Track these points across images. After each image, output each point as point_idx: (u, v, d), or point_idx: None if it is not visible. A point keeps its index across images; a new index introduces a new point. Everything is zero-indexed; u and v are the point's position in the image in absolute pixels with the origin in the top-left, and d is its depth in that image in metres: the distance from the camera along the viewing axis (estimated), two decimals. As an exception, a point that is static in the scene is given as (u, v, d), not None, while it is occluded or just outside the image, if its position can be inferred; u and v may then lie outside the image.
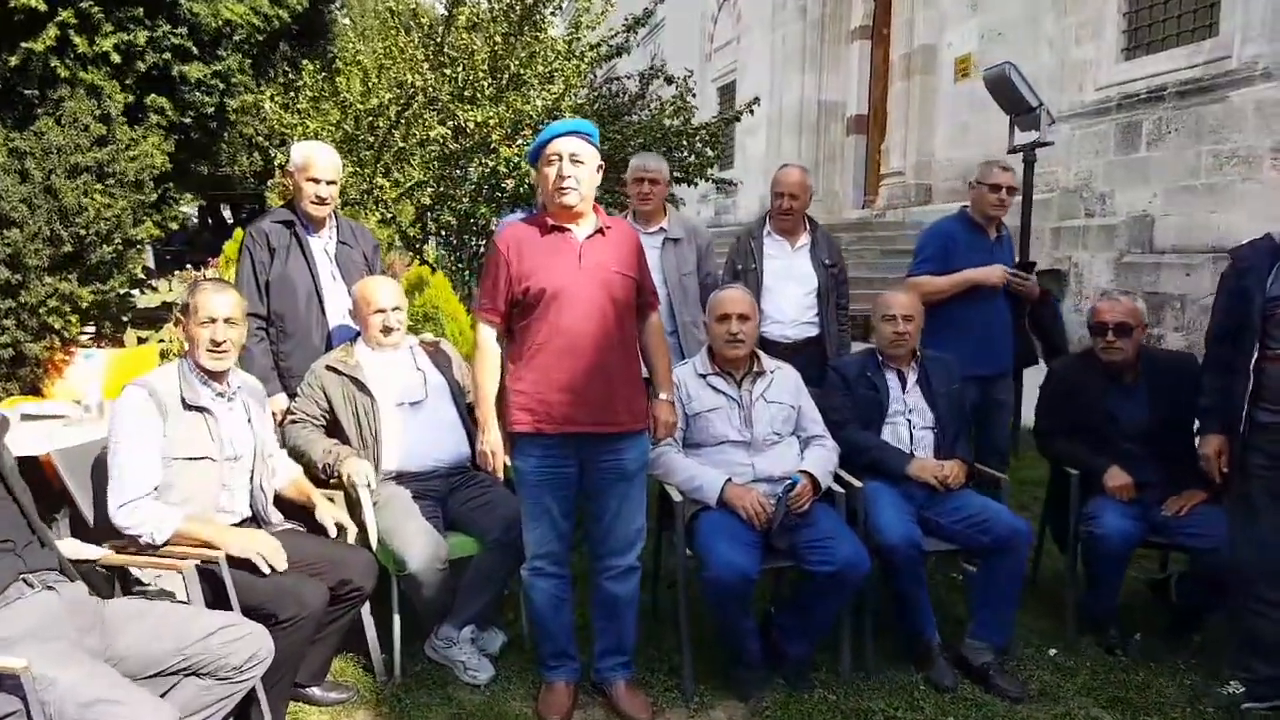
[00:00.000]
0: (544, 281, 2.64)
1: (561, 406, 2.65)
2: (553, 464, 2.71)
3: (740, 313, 3.15)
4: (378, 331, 3.23)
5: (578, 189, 2.66)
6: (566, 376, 2.65)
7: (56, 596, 2.12)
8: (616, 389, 2.70)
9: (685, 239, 3.99)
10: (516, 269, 2.68)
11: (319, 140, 6.80)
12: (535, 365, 2.66)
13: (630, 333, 2.81)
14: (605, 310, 2.68)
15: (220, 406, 2.75)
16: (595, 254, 2.71)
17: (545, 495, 2.74)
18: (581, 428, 2.68)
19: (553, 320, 2.64)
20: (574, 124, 2.75)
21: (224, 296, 2.72)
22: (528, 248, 2.70)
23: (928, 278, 3.83)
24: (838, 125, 14.74)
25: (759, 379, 3.21)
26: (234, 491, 2.75)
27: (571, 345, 2.64)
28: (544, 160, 2.69)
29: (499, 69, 6.87)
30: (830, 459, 3.15)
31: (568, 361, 2.64)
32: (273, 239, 3.42)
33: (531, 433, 2.68)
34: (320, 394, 3.19)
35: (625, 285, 2.75)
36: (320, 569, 2.72)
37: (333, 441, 3.18)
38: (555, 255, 2.68)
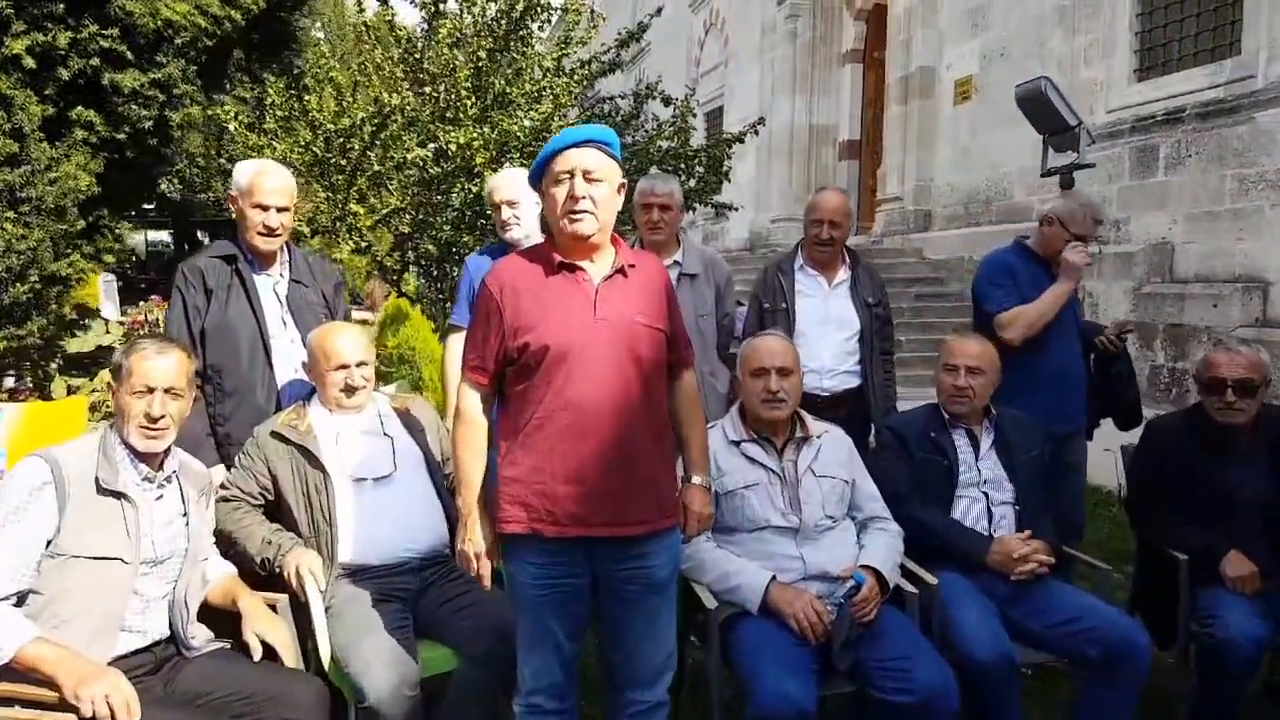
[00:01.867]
0: (547, 336, 2.00)
1: (568, 502, 2.00)
2: (557, 574, 2.06)
3: (781, 366, 2.54)
4: (338, 391, 2.60)
5: (595, 213, 2.03)
6: (575, 462, 2.00)
7: None
8: (641, 477, 2.05)
9: (703, 274, 3.38)
10: (512, 319, 2.04)
11: (288, 163, 6.23)
12: (534, 446, 2.02)
13: (660, 401, 2.15)
14: (628, 374, 2.03)
15: (146, 495, 2.10)
16: (615, 300, 2.07)
17: (546, 614, 2.08)
18: (594, 530, 2.02)
19: (558, 387, 2.00)
20: (589, 131, 2.10)
21: (166, 360, 2.08)
22: (527, 291, 2.06)
23: (1025, 308, 3.19)
24: (829, 150, 14.36)
25: (804, 446, 2.59)
26: (148, 604, 2.09)
27: (582, 420, 2.00)
28: (550, 178, 2.06)
29: (483, 87, 6.30)
30: (895, 547, 2.54)
31: (576, 442, 2.00)
32: (210, 278, 2.77)
33: (527, 535, 2.05)
34: (262, 467, 2.55)
35: (654, 340, 2.10)
36: (251, 708, 2.07)
37: (275, 528, 2.52)
38: (563, 302, 2.05)
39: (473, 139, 5.58)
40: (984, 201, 10.21)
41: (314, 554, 2.48)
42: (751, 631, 2.32)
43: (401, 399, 2.82)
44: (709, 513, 2.27)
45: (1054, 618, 2.51)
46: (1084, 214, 3.25)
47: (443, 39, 6.05)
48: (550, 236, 2.19)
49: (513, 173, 3.38)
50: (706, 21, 18.29)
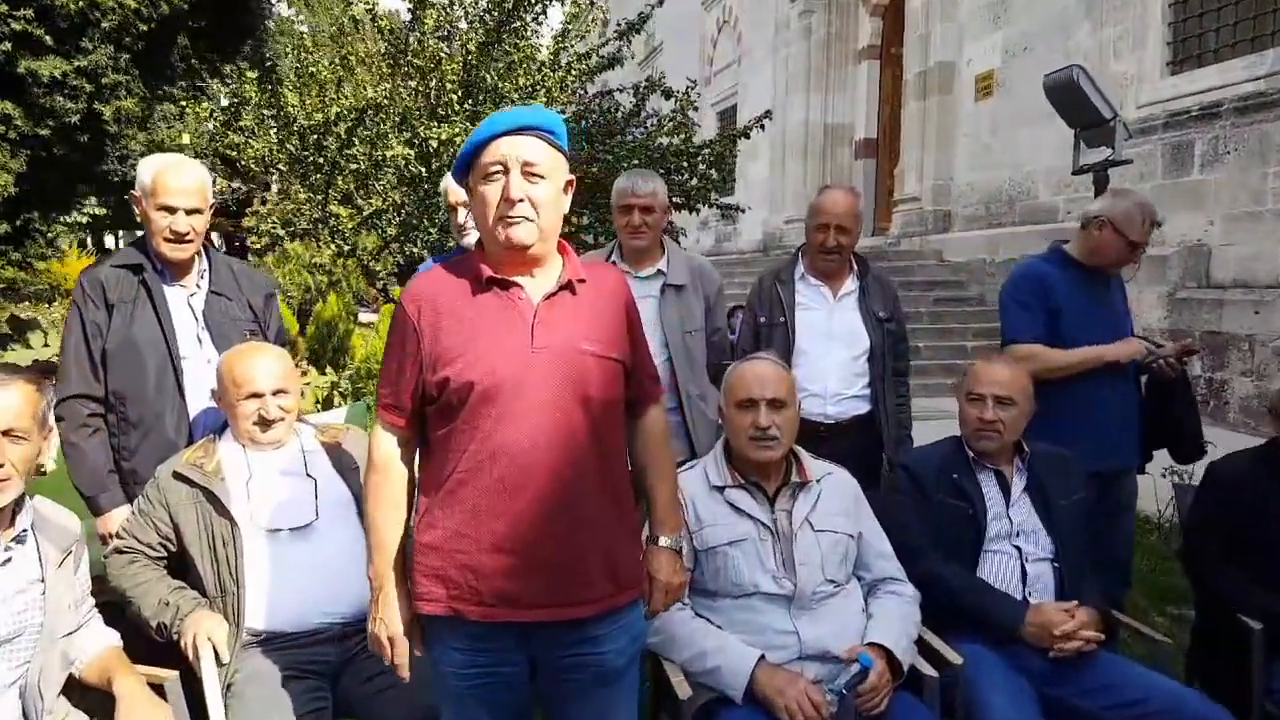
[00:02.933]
0: (472, 370, 1.59)
1: (495, 577, 1.58)
2: (486, 661, 1.64)
3: (773, 397, 2.11)
4: (250, 425, 2.19)
5: (534, 220, 1.62)
6: (505, 526, 1.58)
7: None
8: (590, 544, 1.63)
9: (690, 284, 2.95)
10: (430, 346, 1.63)
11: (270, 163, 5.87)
12: (456, 505, 1.60)
13: (615, 447, 1.72)
14: (572, 415, 1.62)
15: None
16: (558, 323, 1.65)
17: (474, 708, 1.67)
18: (529, 614, 1.60)
19: (485, 433, 1.58)
20: (526, 114, 1.68)
21: (2, 397, 1.69)
22: (449, 313, 1.64)
23: (1046, 350, 2.74)
24: (845, 149, 13.95)
25: (801, 493, 2.16)
26: (-23, 701, 1.70)
27: (514, 474, 1.58)
28: (479, 173, 1.64)
29: (473, 82, 5.90)
30: (910, 617, 2.11)
31: (507, 501, 1.58)
32: (112, 291, 2.36)
33: (448, 616, 1.63)
34: (163, 513, 2.15)
35: (607, 372, 1.68)
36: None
37: (175, 586, 2.12)
38: (492, 327, 1.63)
39: (455, 134, 5.19)
40: (1006, 201, 9.73)
41: (218, 619, 2.08)
42: None
43: (333, 431, 2.41)
44: (679, 581, 1.83)
45: (1113, 697, 2.05)
46: (1141, 216, 2.78)
47: (429, 30, 5.66)
48: (481, 244, 1.76)
49: None
50: (719, 19, 17.89)
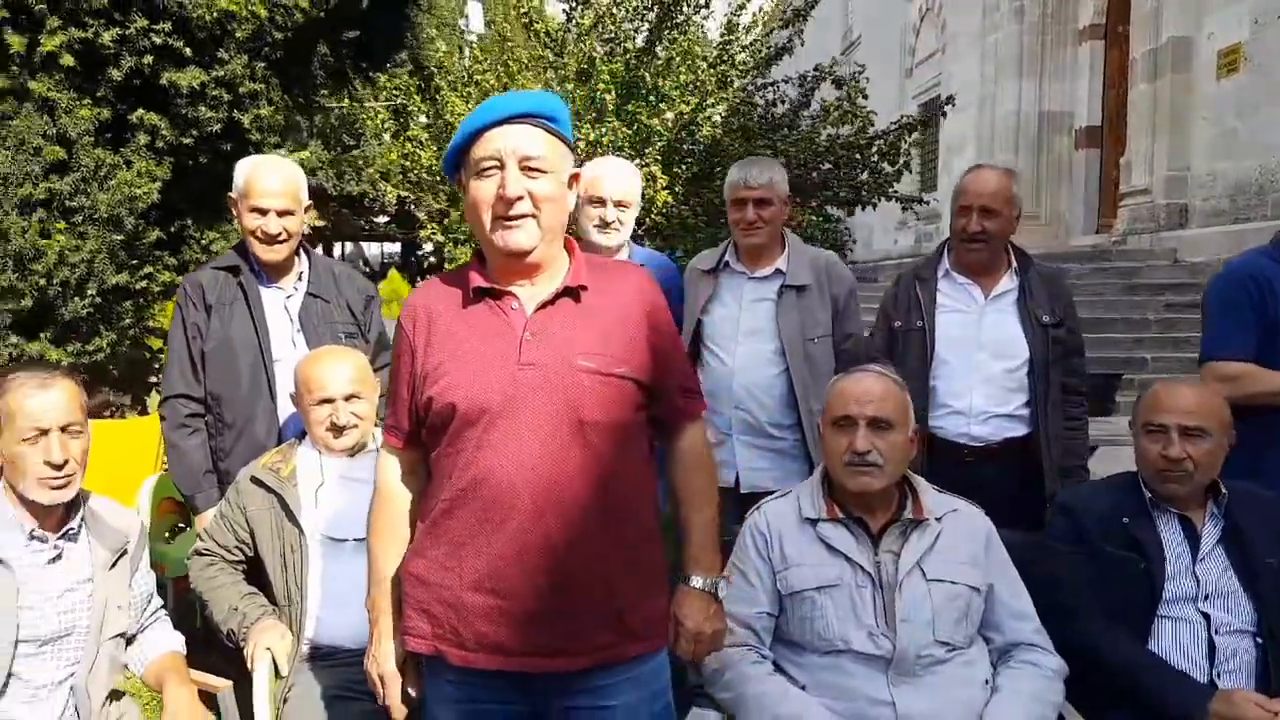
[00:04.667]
0: (453, 391, 1.44)
1: (479, 620, 1.42)
2: (482, 699, 1.47)
3: (874, 415, 1.79)
4: (323, 430, 2.16)
5: (535, 218, 1.44)
6: (487, 563, 1.41)
7: None
8: (585, 590, 1.43)
9: (815, 285, 2.65)
10: (422, 362, 1.50)
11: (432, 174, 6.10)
12: (440, 535, 1.46)
13: (625, 475, 1.49)
14: (565, 442, 1.42)
15: (33, 559, 1.75)
16: (552, 336, 1.47)
17: None
18: (516, 663, 1.43)
19: (468, 458, 1.43)
20: (520, 100, 1.50)
21: (53, 394, 1.73)
22: (439, 326, 1.51)
23: (1259, 371, 2.23)
24: (1063, 139, 12.76)
25: (914, 533, 1.82)
26: (36, 692, 1.72)
27: (498, 506, 1.41)
28: (470, 169, 1.46)
29: (631, 81, 5.83)
30: (1047, 698, 1.71)
31: (490, 535, 1.41)
32: (211, 293, 2.43)
33: (430, 655, 1.48)
34: (240, 517, 2.15)
35: (611, 391, 1.46)
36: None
37: (248, 593, 2.13)
38: (480, 342, 1.47)
39: (601, 136, 5.12)
40: (1255, 192, 8.43)
41: (282, 630, 2.05)
42: None
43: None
44: (711, 630, 1.58)
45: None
46: None
47: (586, 30, 5.66)
48: (479, 251, 1.59)
49: (627, 167, 2.85)
50: (921, 7, 17.01)
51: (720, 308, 2.71)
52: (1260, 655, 1.81)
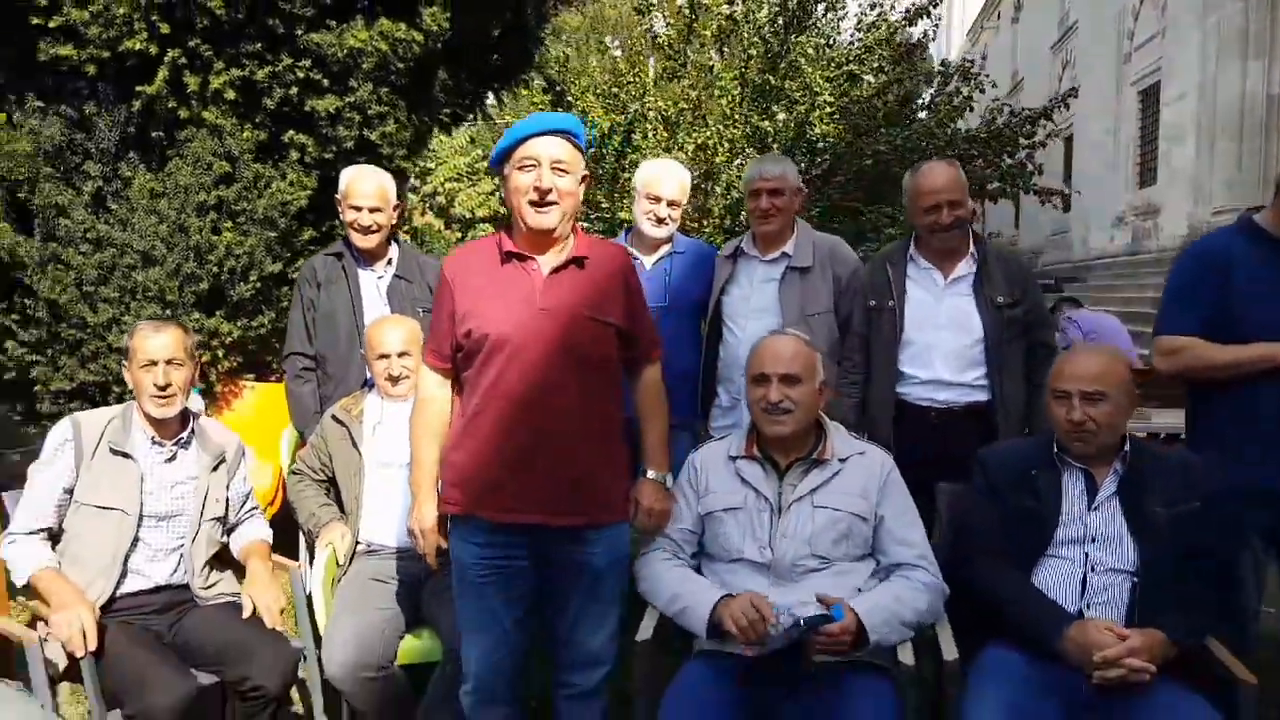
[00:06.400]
0: (487, 325, 2.03)
1: (502, 490, 2.03)
2: (498, 554, 2.07)
3: (785, 372, 2.16)
4: (384, 380, 2.81)
5: (559, 206, 2.03)
6: (509, 452, 2.02)
7: None
8: (577, 472, 2.04)
9: (817, 267, 2.98)
10: (460, 306, 2.08)
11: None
12: (474, 432, 2.06)
13: (605, 396, 2.12)
14: (566, 367, 2.02)
15: (154, 457, 2.50)
16: (560, 292, 2.06)
17: (490, 595, 2.09)
18: (527, 518, 2.03)
19: (495, 376, 2.02)
20: (557, 120, 2.09)
21: (163, 337, 2.48)
22: (475, 279, 2.10)
23: (1197, 344, 2.35)
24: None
25: (815, 470, 2.17)
26: (155, 553, 2.47)
27: (516, 411, 2.01)
28: (514, 164, 2.05)
29: (757, 84, 6.22)
30: (906, 599, 2.02)
31: (512, 432, 2.02)
32: (320, 273, 3.19)
33: (466, 516, 2.08)
34: (323, 445, 2.85)
35: (599, 334, 2.08)
36: (223, 660, 2.35)
37: (323, 503, 2.81)
38: (506, 292, 2.06)
39: (708, 138, 5.54)
40: None
41: (343, 531, 2.72)
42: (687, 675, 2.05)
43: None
44: (661, 508, 2.21)
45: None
46: None
47: (709, 41, 6.11)
48: (506, 225, 2.19)
49: (680, 170, 3.32)
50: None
51: (736, 289, 3.09)
52: (1132, 593, 1.99)
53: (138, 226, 3.72)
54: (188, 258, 3.76)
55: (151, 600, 2.44)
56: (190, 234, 3.73)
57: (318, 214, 4.14)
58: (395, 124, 4.11)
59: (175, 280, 3.77)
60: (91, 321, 3.74)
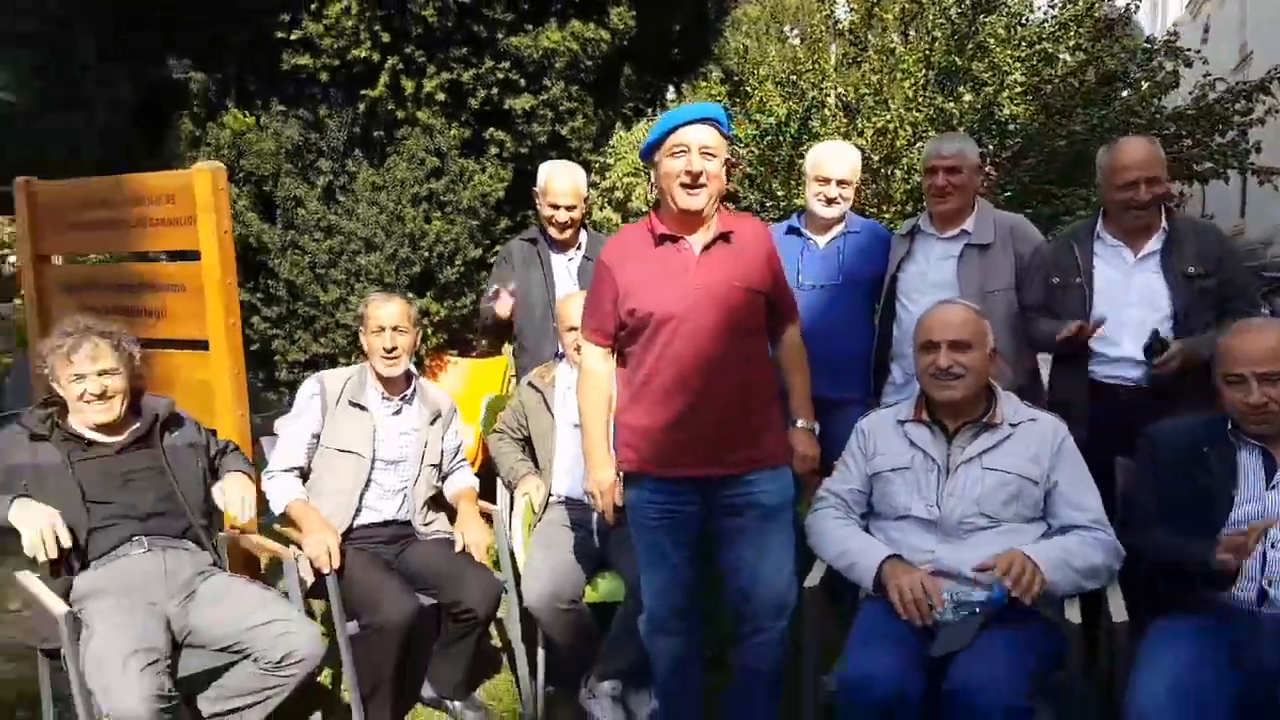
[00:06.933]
0: (650, 304, 2.25)
1: (672, 447, 2.26)
2: (668, 501, 2.30)
3: (955, 339, 2.26)
4: (572, 350, 3.11)
5: (707, 188, 2.22)
6: (677, 413, 2.25)
7: (156, 560, 2.46)
8: (740, 426, 2.26)
9: (998, 244, 3.01)
10: (622, 286, 2.31)
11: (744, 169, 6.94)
12: (643, 398, 2.30)
13: (758, 357, 2.35)
14: (724, 334, 2.24)
15: (384, 410, 2.92)
16: (714, 268, 2.27)
17: (662, 538, 2.33)
18: (697, 470, 2.26)
19: (660, 348, 2.25)
20: (704, 108, 2.29)
21: (392, 306, 2.89)
22: (634, 261, 2.31)
23: None
24: None
25: (985, 433, 2.27)
26: (385, 493, 2.88)
27: (683, 377, 2.24)
28: (665, 152, 2.26)
29: (944, 67, 6.16)
30: (1076, 551, 2.11)
31: (679, 396, 2.24)
32: (516, 255, 3.55)
33: (640, 473, 2.33)
34: (521, 408, 3.20)
35: (751, 303, 2.29)
36: (437, 585, 2.72)
37: (520, 458, 3.15)
38: (664, 271, 2.27)
39: (888, 122, 5.54)
40: None
41: (538, 483, 3.04)
42: (865, 613, 2.23)
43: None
44: (813, 453, 2.47)
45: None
46: None
47: (892, 25, 6.10)
48: (655, 208, 2.40)
49: (850, 151, 3.46)
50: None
51: (912, 265, 3.15)
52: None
53: (361, 216, 4.23)
54: (403, 244, 4.24)
55: (380, 532, 2.85)
56: (405, 222, 4.21)
57: (513, 204, 4.53)
58: (583, 119, 4.45)
59: (392, 264, 4.27)
60: (323, 300, 4.29)
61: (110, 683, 2.09)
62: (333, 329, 4.36)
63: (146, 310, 3.56)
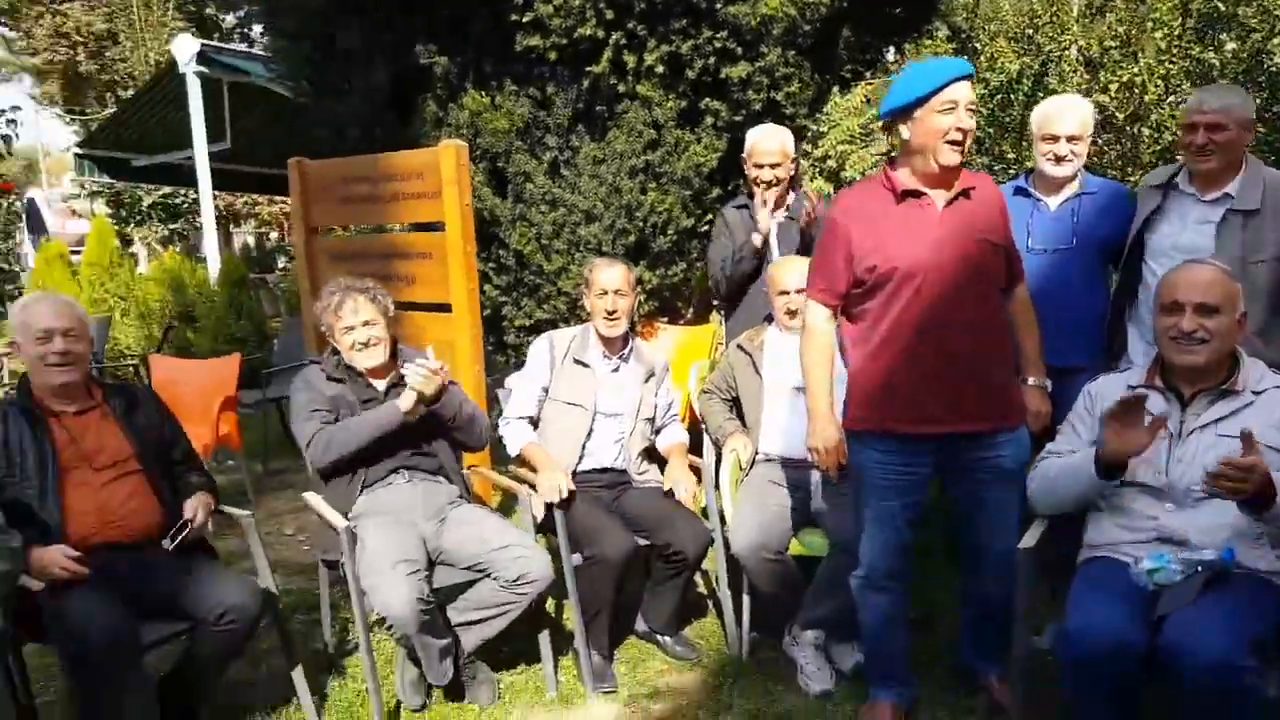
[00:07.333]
0: (896, 259, 2.28)
1: (914, 406, 2.32)
2: (902, 463, 2.38)
3: (1200, 301, 2.17)
4: (783, 314, 3.22)
5: (966, 143, 2.28)
6: (922, 369, 2.31)
7: (416, 490, 2.84)
8: (985, 381, 2.34)
9: (1268, 211, 2.75)
10: (857, 245, 2.34)
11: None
12: (883, 356, 2.35)
13: (999, 311, 2.42)
14: (969, 291, 2.30)
15: (605, 367, 3.16)
16: (958, 222, 2.31)
17: (891, 499, 2.42)
18: (942, 427, 2.32)
19: (904, 304, 2.29)
20: (964, 65, 2.30)
21: (614, 271, 3.12)
22: (872, 219, 2.35)
23: None
24: None
25: (1222, 400, 2.17)
26: (603, 441, 3.13)
27: (926, 334, 2.29)
28: (933, 108, 2.23)
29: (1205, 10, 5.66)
30: None
31: (925, 352, 2.30)
32: (733, 221, 3.70)
33: (877, 432, 2.39)
34: (729, 370, 3.34)
35: (995, 257, 2.36)
36: (650, 527, 2.94)
37: (728, 417, 3.30)
38: (909, 227, 2.31)
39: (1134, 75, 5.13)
40: None
41: (746, 441, 3.19)
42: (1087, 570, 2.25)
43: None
44: (1046, 410, 2.58)
45: None
46: None
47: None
48: (891, 165, 2.43)
49: (1079, 103, 3.35)
50: None
51: (1165, 225, 2.92)
52: None
53: (583, 189, 4.53)
54: (620, 215, 4.50)
55: (600, 478, 3.12)
56: (623, 194, 4.46)
57: (724, 173, 4.67)
58: (799, 84, 4.51)
59: (610, 234, 4.54)
60: (546, 269, 4.64)
61: (380, 583, 2.47)
62: (554, 296, 4.70)
63: (398, 276, 4.03)
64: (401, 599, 2.44)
